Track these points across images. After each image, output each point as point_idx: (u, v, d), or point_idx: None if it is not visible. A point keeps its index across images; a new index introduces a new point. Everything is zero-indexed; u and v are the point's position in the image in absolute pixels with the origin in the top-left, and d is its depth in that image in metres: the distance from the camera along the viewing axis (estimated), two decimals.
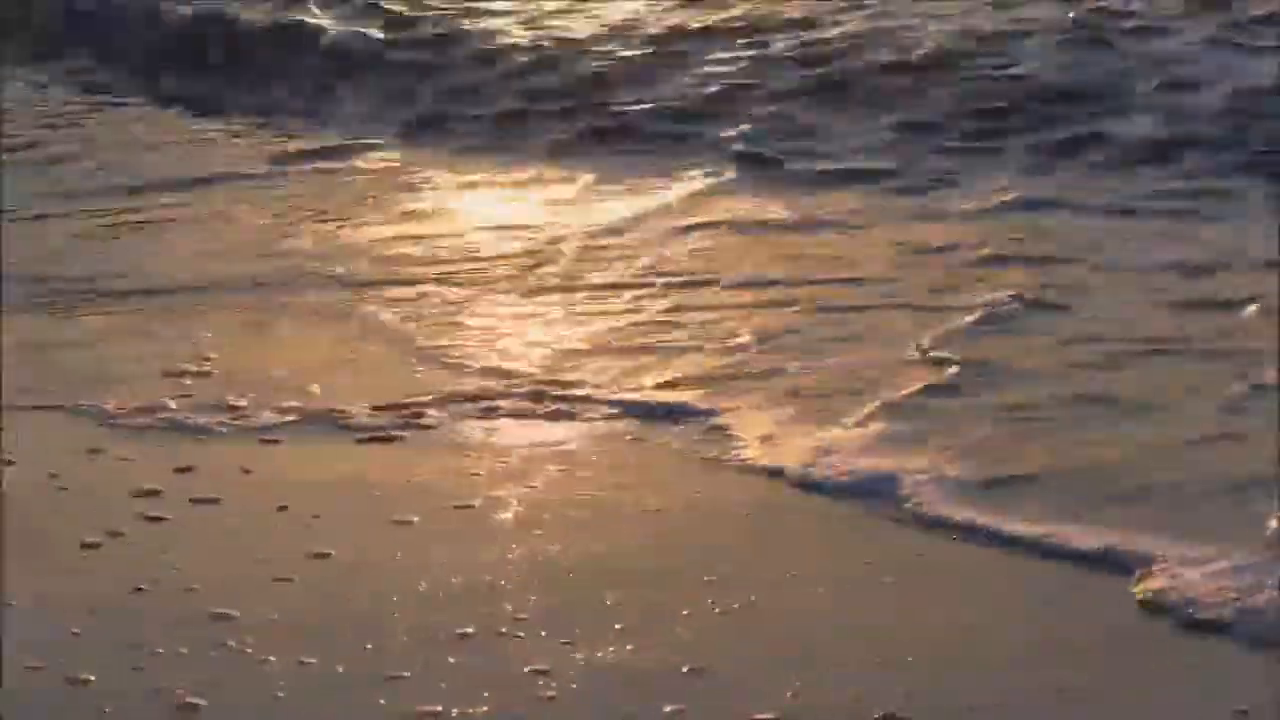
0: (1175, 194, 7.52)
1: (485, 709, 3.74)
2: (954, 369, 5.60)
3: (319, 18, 11.33)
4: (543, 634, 4.05)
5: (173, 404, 5.63)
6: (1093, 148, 8.10)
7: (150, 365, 6.05)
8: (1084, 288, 6.40)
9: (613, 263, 7.07)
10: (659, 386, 5.64)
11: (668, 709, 3.71)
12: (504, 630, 4.08)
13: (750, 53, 9.77)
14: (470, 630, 4.07)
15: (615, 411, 5.47)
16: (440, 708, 3.74)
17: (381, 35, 10.91)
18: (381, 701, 3.78)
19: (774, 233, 7.46)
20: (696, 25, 10.45)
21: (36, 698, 3.85)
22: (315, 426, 5.44)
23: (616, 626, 4.07)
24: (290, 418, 5.49)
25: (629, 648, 3.98)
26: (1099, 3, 9.91)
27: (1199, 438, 4.99)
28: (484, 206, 8.28)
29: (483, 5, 11.54)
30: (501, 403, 5.56)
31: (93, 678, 3.91)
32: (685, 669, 3.87)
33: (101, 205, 8.44)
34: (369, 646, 4.01)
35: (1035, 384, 5.47)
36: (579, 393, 5.60)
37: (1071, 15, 9.61)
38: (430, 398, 5.60)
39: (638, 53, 10.13)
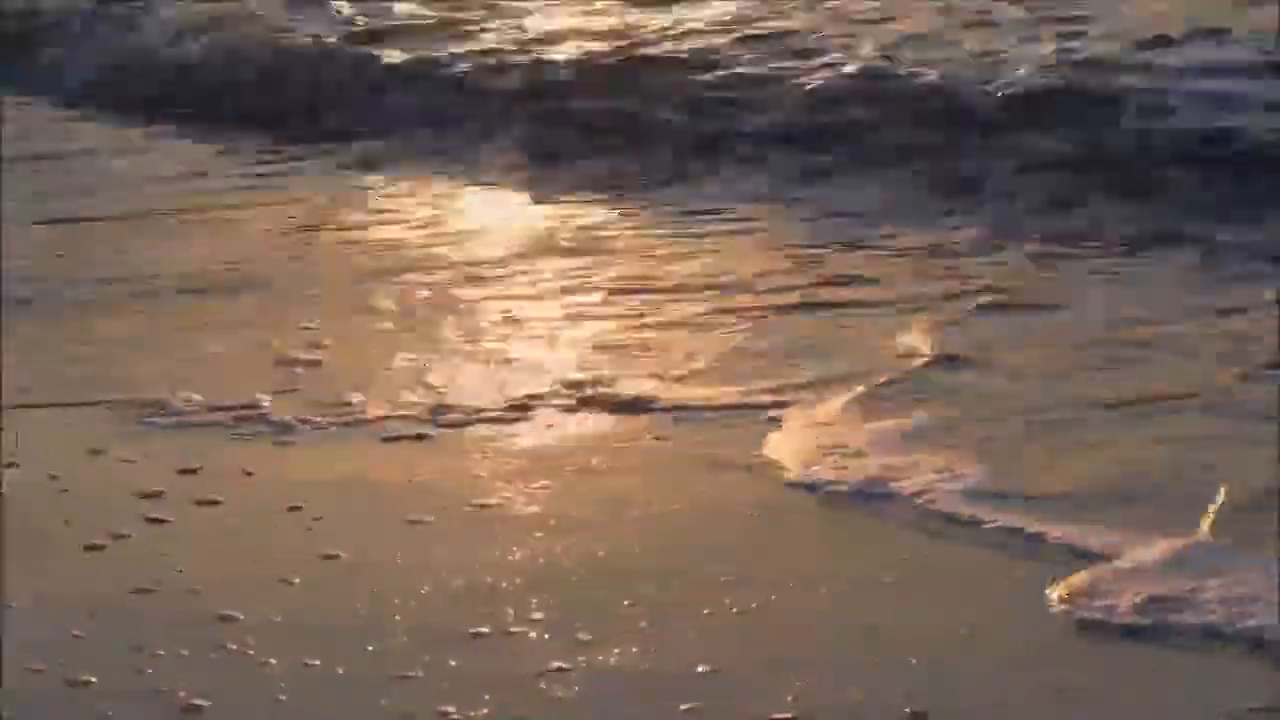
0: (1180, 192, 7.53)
1: (497, 710, 3.74)
2: (962, 368, 5.62)
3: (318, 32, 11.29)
4: (557, 634, 4.05)
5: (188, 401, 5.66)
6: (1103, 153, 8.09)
7: (149, 367, 6.06)
8: (1090, 290, 6.42)
9: (612, 270, 7.06)
10: (672, 386, 5.65)
11: (683, 708, 3.71)
12: (516, 631, 4.08)
13: (756, 70, 9.71)
14: (479, 630, 4.07)
15: (630, 412, 5.48)
16: (448, 709, 3.74)
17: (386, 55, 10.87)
18: (383, 703, 3.79)
19: (777, 237, 7.46)
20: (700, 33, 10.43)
21: (37, 698, 3.85)
22: (327, 428, 5.44)
23: (632, 627, 4.07)
24: (315, 418, 5.49)
25: (645, 648, 3.98)
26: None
27: (1204, 437, 5.00)
28: (488, 211, 8.29)
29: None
30: (510, 404, 5.55)
31: (94, 679, 3.91)
32: (701, 669, 3.87)
33: (105, 212, 8.48)
34: (374, 647, 4.01)
35: (1044, 384, 5.47)
36: (590, 393, 5.60)
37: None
38: (444, 397, 5.61)
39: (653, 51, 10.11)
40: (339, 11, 11.86)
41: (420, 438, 5.33)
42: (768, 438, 5.17)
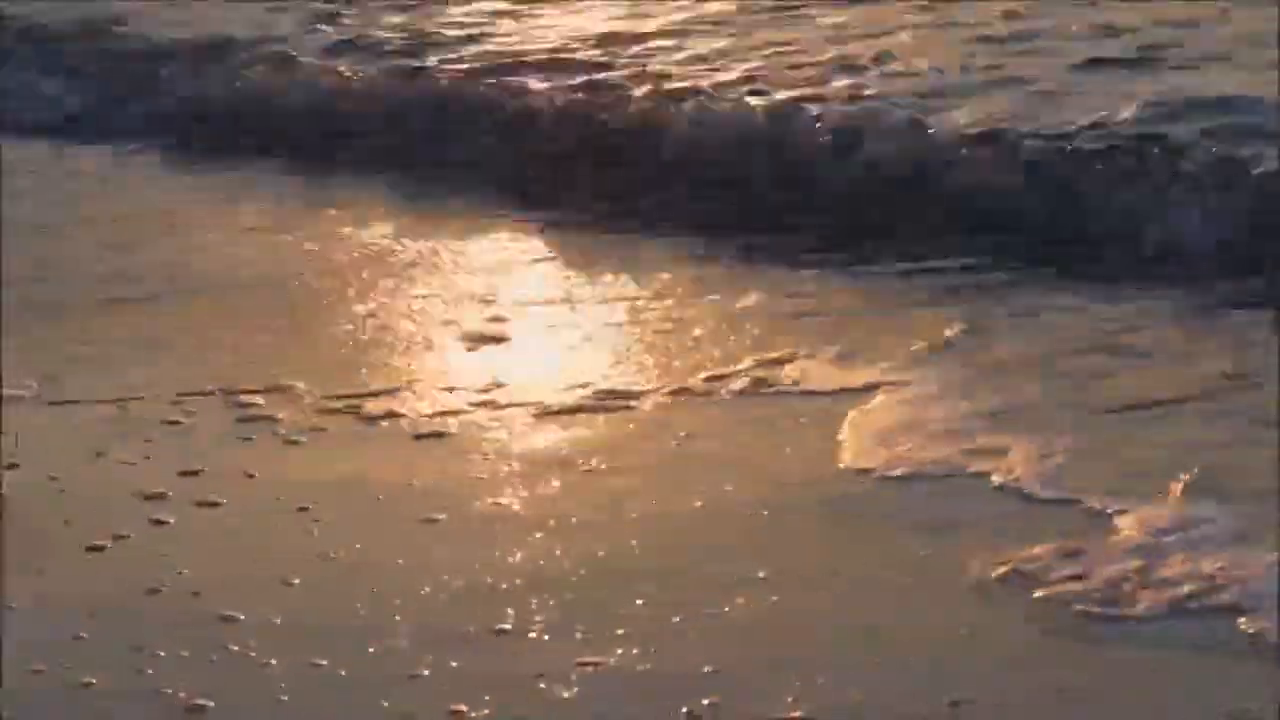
0: None
1: (498, 711, 3.74)
2: (964, 368, 5.66)
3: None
4: (568, 634, 4.05)
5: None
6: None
7: (151, 368, 6.07)
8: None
9: (611, 281, 7.06)
10: (704, 380, 5.69)
11: (705, 702, 3.72)
12: (518, 631, 4.08)
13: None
14: (481, 631, 4.08)
15: (664, 403, 5.51)
16: (451, 709, 3.74)
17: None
18: (385, 704, 3.79)
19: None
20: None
21: (38, 699, 3.85)
22: (327, 427, 5.45)
23: (635, 627, 4.07)
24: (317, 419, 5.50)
25: (660, 649, 3.98)
26: None
27: (1205, 439, 5.01)
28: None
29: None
30: (515, 405, 5.56)
31: (95, 680, 3.92)
32: (708, 670, 3.87)
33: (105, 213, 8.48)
34: (375, 648, 4.02)
35: (1046, 384, 5.50)
36: (636, 390, 5.63)
37: None
38: (455, 397, 5.62)
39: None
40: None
41: (422, 437, 5.34)
42: (789, 437, 5.20)
